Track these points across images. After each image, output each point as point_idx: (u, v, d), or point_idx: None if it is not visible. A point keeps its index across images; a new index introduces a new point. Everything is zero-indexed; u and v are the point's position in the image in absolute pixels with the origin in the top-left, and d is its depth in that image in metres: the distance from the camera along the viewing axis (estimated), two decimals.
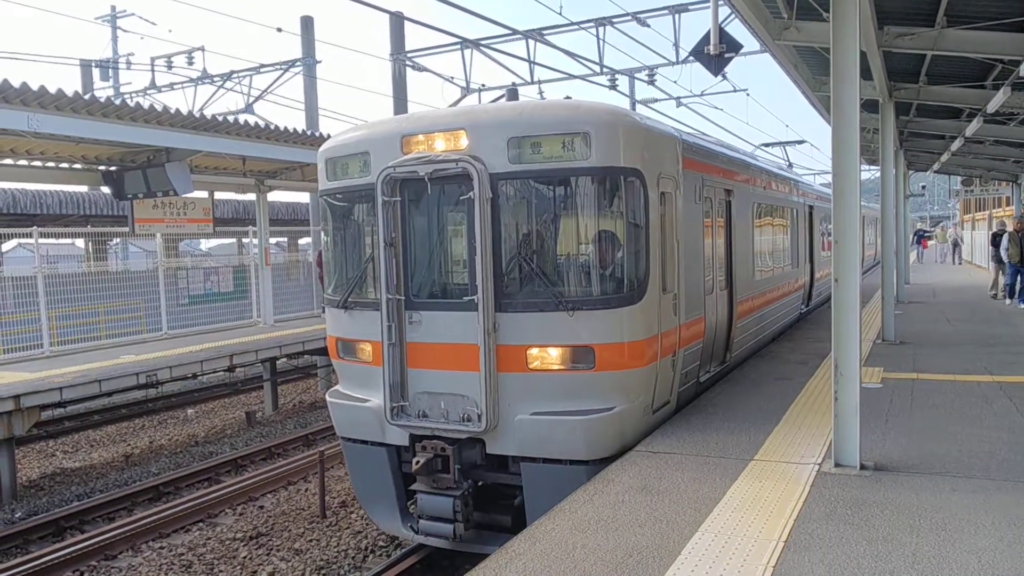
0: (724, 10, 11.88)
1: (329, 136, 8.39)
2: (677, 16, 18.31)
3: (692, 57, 13.46)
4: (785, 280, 13.08)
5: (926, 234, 46.07)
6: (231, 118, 14.65)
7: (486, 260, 6.44)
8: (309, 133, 15.30)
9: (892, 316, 12.15)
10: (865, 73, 9.87)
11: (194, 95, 24.76)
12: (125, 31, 31.43)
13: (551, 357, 6.49)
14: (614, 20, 18.73)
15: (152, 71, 25.46)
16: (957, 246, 37.75)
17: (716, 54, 11.18)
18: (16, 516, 10.01)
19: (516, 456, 6.66)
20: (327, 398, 7.81)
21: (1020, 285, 16.21)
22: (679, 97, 24.56)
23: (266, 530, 9.19)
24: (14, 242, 22.79)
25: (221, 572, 8.16)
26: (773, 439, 6.76)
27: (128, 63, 28.25)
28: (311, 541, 8.82)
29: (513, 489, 6.90)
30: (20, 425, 10.52)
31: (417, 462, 6.70)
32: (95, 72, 28.41)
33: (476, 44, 18.89)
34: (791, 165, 25.12)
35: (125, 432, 14.97)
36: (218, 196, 19.55)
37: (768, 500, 5.30)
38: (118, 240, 26.82)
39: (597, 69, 19.85)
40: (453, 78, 20.17)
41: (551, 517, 5.21)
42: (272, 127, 14.29)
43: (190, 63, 24.72)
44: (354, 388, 7.55)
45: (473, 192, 6.44)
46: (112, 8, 29.83)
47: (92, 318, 15.52)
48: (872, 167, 30.65)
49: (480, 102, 16.18)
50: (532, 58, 19.08)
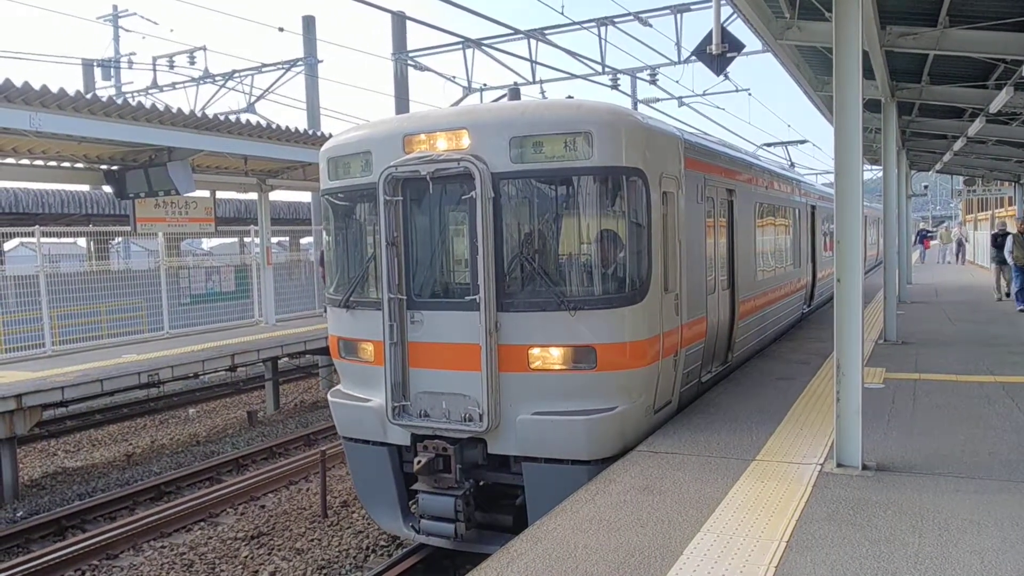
0: (726, 10, 11.85)
1: (331, 135, 8.38)
2: (679, 16, 18.31)
3: (694, 57, 13.43)
4: (787, 280, 13.07)
5: (929, 234, 45.83)
6: (233, 117, 14.67)
7: (488, 260, 6.44)
8: (311, 132, 15.30)
9: (894, 316, 12.13)
10: (867, 73, 9.83)
11: (196, 95, 24.81)
12: (127, 30, 31.47)
13: (553, 357, 6.49)
14: (616, 20, 18.74)
15: (154, 70, 25.54)
16: (962, 246, 37.11)
17: (718, 54, 11.16)
18: (18, 515, 10.02)
19: (518, 456, 6.65)
20: (329, 398, 7.82)
21: (1017, 287, 16.08)
22: (681, 97, 24.56)
23: (267, 529, 9.19)
24: (16, 241, 22.81)
25: (222, 571, 8.17)
26: (775, 439, 6.76)
27: (130, 62, 28.32)
28: (312, 541, 8.82)
29: (515, 489, 6.89)
30: (22, 424, 10.53)
31: (419, 462, 6.70)
32: (97, 71, 28.41)
33: (478, 44, 18.90)
34: (793, 165, 25.11)
35: (127, 431, 14.99)
36: (220, 195, 19.57)
37: (770, 500, 5.29)
38: (120, 239, 26.90)
39: (599, 69, 19.84)
40: (455, 77, 20.21)
41: (553, 517, 5.20)
42: (274, 127, 14.29)
43: (192, 63, 24.77)
44: (356, 388, 7.55)
45: (475, 191, 6.43)
46: (114, 8, 29.83)
47: (94, 317, 15.54)
48: (874, 167, 30.65)
49: (482, 102, 16.23)
50: (534, 58, 19.10)
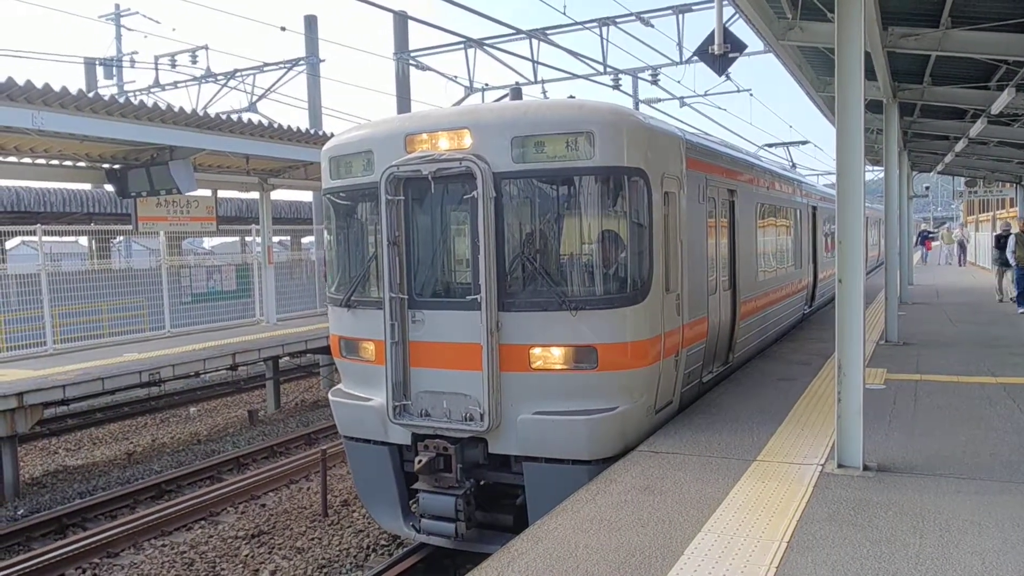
0: (728, 10, 11.85)
1: (332, 135, 8.38)
2: (681, 16, 18.33)
3: (696, 57, 13.41)
4: (788, 281, 13.06)
5: (930, 235, 45.74)
6: (235, 117, 14.68)
7: (489, 259, 6.44)
8: (312, 132, 15.30)
9: (895, 317, 12.12)
10: (869, 74, 9.83)
11: (198, 94, 24.84)
12: (129, 29, 31.43)
13: (554, 357, 6.49)
14: (618, 20, 18.76)
15: (156, 69, 25.56)
16: (963, 247, 37.16)
17: (720, 54, 11.14)
18: (19, 513, 10.03)
19: (518, 456, 6.65)
20: (329, 397, 7.82)
21: (1019, 289, 16.04)
22: (683, 97, 24.60)
23: (268, 528, 9.20)
24: (18, 240, 22.86)
25: (223, 570, 8.17)
26: (776, 439, 6.75)
27: (132, 61, 28.34)
28: (313, 540, 8.82)
29: (515, 489, 6.89)
30: (23, 422, 10.54)
31: (419, 461, 6.70)
32: (99, 70, 28.43)
33: (480, 43, 18.91)
34: (795, 166, 25.12)
35: (127, 430, 14.99)
36: (221, 194, 19.56)
37: (771, 501, 5.29)
38: (121, 238, 26.92)
39: (601, 69, 19.85)
40: (456, 77, 20.23)
41: (553, 517, 5.20)
42: (275, 126, 14.30)
43: (194, 62, 24.78)
44: (357, 387, 7.55)
45: (477, 191, 6.43)
46: (116, 6, 29.87)
47: (95, 316, 15.56)
48: (876, 168, 30.63)
49: (483, 101, 16.22)
50: (535, 58, 19.10)
